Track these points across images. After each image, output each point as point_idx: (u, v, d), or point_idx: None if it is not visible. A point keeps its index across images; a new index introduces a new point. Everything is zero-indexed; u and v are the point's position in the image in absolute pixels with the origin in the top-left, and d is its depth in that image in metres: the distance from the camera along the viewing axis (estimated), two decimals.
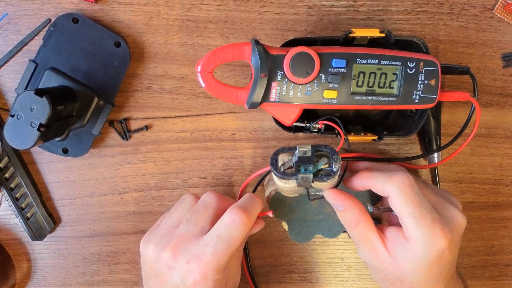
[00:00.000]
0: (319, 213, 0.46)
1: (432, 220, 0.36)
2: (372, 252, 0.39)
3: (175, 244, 0.37)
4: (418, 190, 0.37)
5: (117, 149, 0.49)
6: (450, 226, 0.37)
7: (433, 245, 0.36)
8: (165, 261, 0.37)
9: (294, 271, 0.51)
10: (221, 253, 0.36)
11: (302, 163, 0.34)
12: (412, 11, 0.48)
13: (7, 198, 0.49)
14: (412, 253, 0.37)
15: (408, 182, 0.37)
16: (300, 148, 0.35)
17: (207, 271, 0.36)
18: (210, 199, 0.40)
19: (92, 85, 0.46)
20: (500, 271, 0.51)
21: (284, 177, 0.35)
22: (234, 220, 0.37)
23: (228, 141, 0.49)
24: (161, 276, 0.38)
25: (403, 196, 0.37)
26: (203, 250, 0.37)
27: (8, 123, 0.40)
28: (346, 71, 0.39)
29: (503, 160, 0.50)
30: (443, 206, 0.39)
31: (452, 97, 0.42)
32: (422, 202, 0.37)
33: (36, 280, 0.51)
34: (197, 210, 0.40)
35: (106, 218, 0.50)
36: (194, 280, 0.36)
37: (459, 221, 0.38)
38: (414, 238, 0.36)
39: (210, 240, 0.37)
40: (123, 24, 0.48)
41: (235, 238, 0.37)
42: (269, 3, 0.48)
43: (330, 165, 0.35)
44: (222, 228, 0.37)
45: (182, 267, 0.37)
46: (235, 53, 0.38)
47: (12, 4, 0.47)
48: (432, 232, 0.36)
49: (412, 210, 0.36)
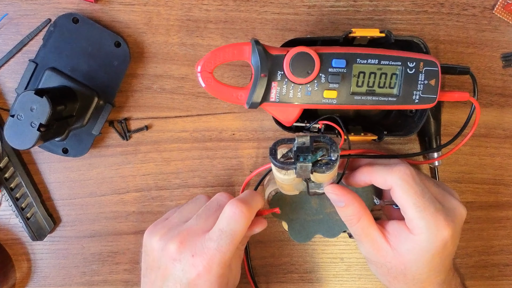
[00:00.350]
0: (319, 213, 0.46)
1: (436, 210, 0.36)
2: (374, 247, 0.39)
3: (182, 237, 0.37)
4: (420, 181, 0.38)
5: (117, 149, 0.49)
6: (452, 216, 0.38)
7: (437, 235, 0.36)
8: (170, 253, 0.37)
9: (294, 271, 0.51)
10: (225, 247, 0.36)
11: (301, 153, 0.34)
12: (412, 11, 0.48)
13: (7, 198, 0.49)
14: (415, 244, 0.37)
15: (409, 173, 0.37)
16: (299, 139, 0.35)
17: (212, 265, 0.36)
18: (224, 198, 0.40)
19: (92, 85, 0.46)
20: (500, 271, 0.51)
21: (283, 166, 0.35)
22: (235, 212, 0.37)
23: (228, 141, 0.49)
24: (163, 268, 0.38)
25: (405, 186, 0.37)
26: (208, 244, 0.37)
27: (8, 123, 0.40)
28: (346, 71, 0.39)
29: (503, 160, 0.50)
30: (445, 197, 0.40)
31: (452, 97, 0.42)
32: (425, 192, 0.37)
33: (36, 280, 0.51)
34: (210, 207, 0.40)
35: (106, 218, 0.50)
36: (197, 273, 0.36)
37: (460, 211, 0.39)
38: (418, 229, 0.36)
39: (213, 235, 0.37)
40: (123, 24, 0.48)
41: (237, 231, 0.37)
42: (269, 3, 0.48)
43: (329, 155, 0.35)
44: (224, 222, 0.37)
45: (186, 260, 0.37)
46: (235, 53, 0.38)
47: (12, 4, 0.47)
48: (436, 222, 0.36)
49: (416, 200, 0.36)
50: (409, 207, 0.37)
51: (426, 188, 0.38)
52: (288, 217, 0.46)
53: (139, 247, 0.50)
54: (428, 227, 0.36)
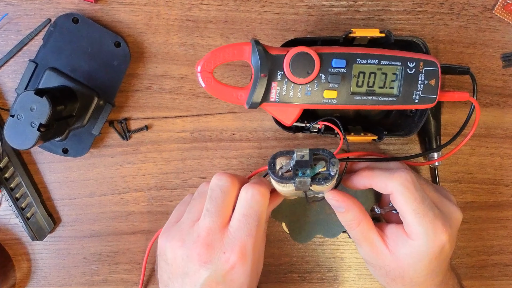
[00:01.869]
0: (319, 213, 0.46)
1: (434, 216, 0.37)
2: (373, 250, 0.39)
3: (204, 239, 0.36)
4: (420, 187, 0.38)
5: (117, 149, 0.49)
6: (449, 221, 0.38)
7: (435, 240, 0.37)
8: (198, 259, 0.36)
9: (294, 271, 0.51)
10: (254, 230, 0.36)
11: (300, 167, 0.35)
12: (412, 11, 0.48)
13: (7, 198, 0.49)
14: (414, 248, 0.37)
15: (410, 179, 0.37)
16: (298, 152, 0.35)
17: (245, 253, 0.36)
18: (224, 182, 0.38)
19: (92, 85, 0.46)
20: (500, 271, 0.51)
21: (282, 181, 0.35)
22: (252, 194, 0.37)
23: (228, 141, 0.49)
24: (192, 274, 0.36)
25: (406, 193, 0.37)
26: (236, 235, 0.36)
27: (8, 123, 0.40)
28: (346, 71, 0.39)
29: (503, 160, 0.50)
30: (442, 202, 0.40)
31: (452, 97, 0.42)
32: (424, 198, 0.37)
33: (36, 280, 0.51)
34: (215, 197, 0.38)
35: (106, 218, 0.50)
36: (231, 266, 0.36)
37: (457, 216, 0.40)
38: (416, 234, 0.37)
39: (239, 222, 0.36)
40: (123, 24, 0.48)
41: (260, 211, 0.37)
42: (269, 3, 0.48)
43: (328, 169, 0.35)
44: (246, 206, 0.37)
45: (218, 258, 0.36)
46: (235, 53, 0.38)
47: (12, 4, 0.47)
48: (434, 228, 0.37)
49: (415, 207, 0.37)
50: (408, 213, 0.37)
51: (425, 194, 0.38)
52: (288, 218, 0.46)
53: (139, 247, 0.50)
54: (426, 233, 0.37)
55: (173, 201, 0.50)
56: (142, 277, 0.49)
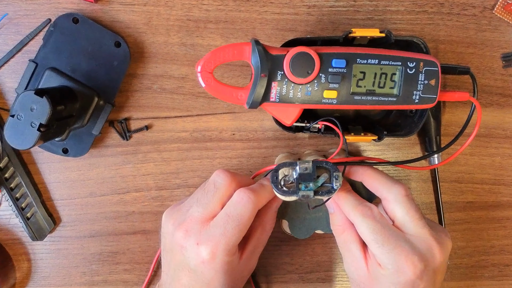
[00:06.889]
0: (319, 210, 0.46)
1: (401, 248, 0.36)
2: (353, 264, 0.39)
3: (186, 225, 0.38)
4: (387, 221, 0.38)
5: (117, 149, 0.49)
6: (427, 255, 0.36)
7: (399, 276, 0.36)
8: (177, 240, 0.38)
9: (294, 271, 0.51)
10: (230, 232, 0.36)
11: (302, 180, 0.35)
12: (412, 11, 0.48)
13: (7, 198, 0.49)
14: (384, 277, 0.37)
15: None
16: (301, 165, 0.35)
17: (216, 252, 0.36)
18: (221, 179, 0.39)
19: (92, 85, 0.46)
20: (500, 271, 0.51)
21: (285, 194, 0.35)
22: (242, 198, 0.37)
23: (228, 141, 0.49)
24: (175, 252, 0.39)
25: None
26: (213, 231, 0.37)
27: (8, 123, 0.40)
28: (346, 71, 0.39)
29: (503, 160, 0.50)
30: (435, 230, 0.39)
31: (452, 97, 0.41)
32: (391, 229, 0.37)
33: (36, 280, 0.51)
34: (208, 190, 0.39)
35: (106, 218, 0.50)
36: (201, 261, 0.36)
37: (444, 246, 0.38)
38: (383, 264, 0.36)
39: (219, 220, 0.37)
40: (123, 24, 0.48)
41: (244, 216, 0.37)
42: (269, 3, 0.48)
43: (330, 182, 0.35)
44: (231, 207, 0.37)
45: (192, 248, 0.37)
46: (235, 53, 0.38)
47: (12, 4, 0.47)
48: (399, 261, 0.35)
49: (380, 238, 0.36)
50: (371, 245, 0.37)
51: (392, 226, 0.37)
52: (288, 216, 0.46)
53: (139, 247, 0.50)
54: (392, 264, 0.36)
55: (173, 201, 0.50)
56: (149, 275, 0.50)
